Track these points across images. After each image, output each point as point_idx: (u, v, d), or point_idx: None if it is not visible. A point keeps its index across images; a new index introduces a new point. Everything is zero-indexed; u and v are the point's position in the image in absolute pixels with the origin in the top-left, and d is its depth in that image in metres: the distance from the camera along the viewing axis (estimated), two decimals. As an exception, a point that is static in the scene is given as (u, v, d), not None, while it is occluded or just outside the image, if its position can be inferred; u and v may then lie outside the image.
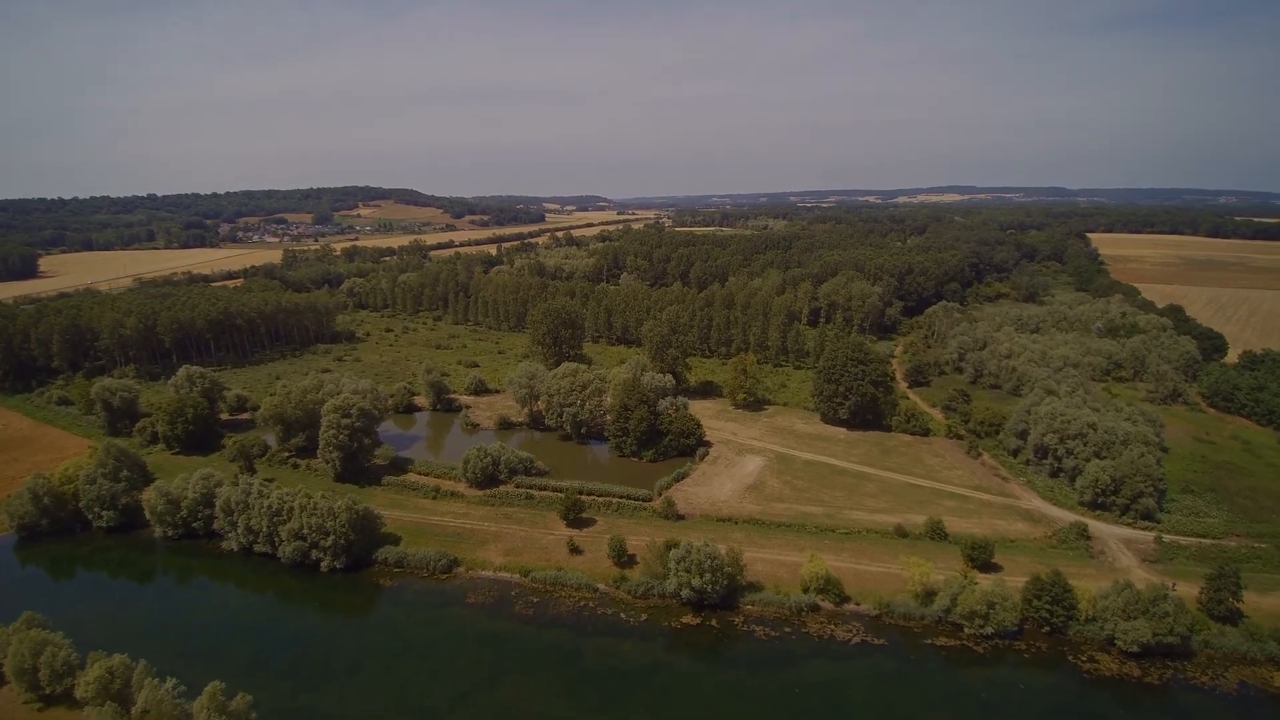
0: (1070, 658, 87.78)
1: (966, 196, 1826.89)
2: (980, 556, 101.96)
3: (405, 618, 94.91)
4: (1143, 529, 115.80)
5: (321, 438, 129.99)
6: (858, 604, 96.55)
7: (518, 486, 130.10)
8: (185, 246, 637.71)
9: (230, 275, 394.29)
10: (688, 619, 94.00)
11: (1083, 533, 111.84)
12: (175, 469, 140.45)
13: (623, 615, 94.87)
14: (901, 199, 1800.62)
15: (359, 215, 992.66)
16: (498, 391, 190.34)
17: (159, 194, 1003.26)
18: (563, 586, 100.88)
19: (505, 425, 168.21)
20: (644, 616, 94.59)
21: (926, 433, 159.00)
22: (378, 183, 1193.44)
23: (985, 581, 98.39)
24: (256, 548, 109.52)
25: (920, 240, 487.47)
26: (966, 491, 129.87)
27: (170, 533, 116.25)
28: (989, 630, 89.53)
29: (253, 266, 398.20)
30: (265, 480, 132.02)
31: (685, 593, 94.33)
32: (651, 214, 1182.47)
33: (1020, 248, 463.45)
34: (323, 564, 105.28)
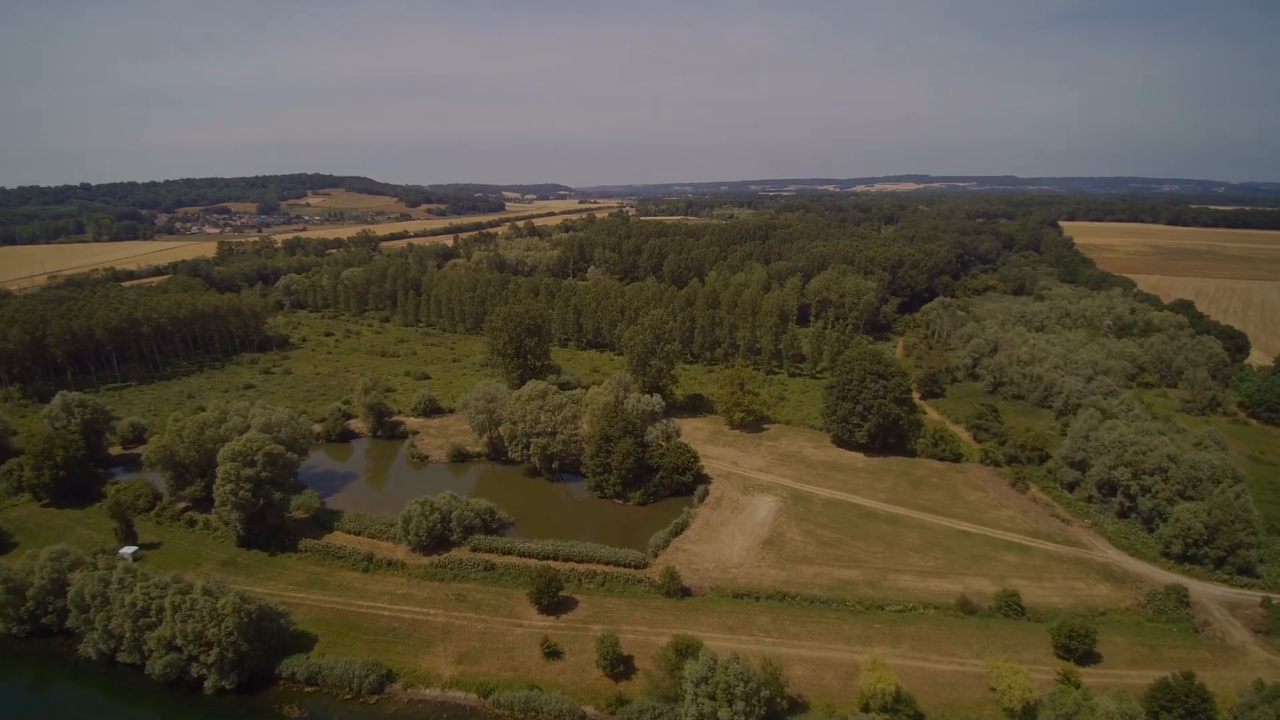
0: (1220, 797, 65.44)
1: (923, 186, 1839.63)
2: (1079, 647, 79.01)
3: (313, 780, 67.15)
4: (1242, 586, 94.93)
5: (217, 493, 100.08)
6: (935, 726, 72.56)
7: (474, 550, 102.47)
8: (116, 239, 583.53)
9: (158, 271, 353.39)
10: (712, 762, 68.47)
11: (1182, 598, 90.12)
12: (43, 527, 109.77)
13: (622, 760, 68.90)
14: (860, 188, 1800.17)
15: (308, 205, 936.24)
16: (451, 411, 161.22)
17: (93, 183, 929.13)
18: (538, 713, 74.28)
19: (460, 457, 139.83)
20: (652, 761, 68.73)
21: (958, 458, 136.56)
22: (329, 170, 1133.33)
23: (1086, 678, 75.83)
24: (121, 656, 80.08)
25: (894, 230, 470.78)
26: (1025, 540, 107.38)
27: (15, 629, 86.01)
28: (1114, 764, 66.54)
29: (183, 261, 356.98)
30: (149, 545, 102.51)
31: (708, 726, 68.77)
32: (614, 203, 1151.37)
33: (999, 237, 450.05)
34: (207, 682, 76.54)
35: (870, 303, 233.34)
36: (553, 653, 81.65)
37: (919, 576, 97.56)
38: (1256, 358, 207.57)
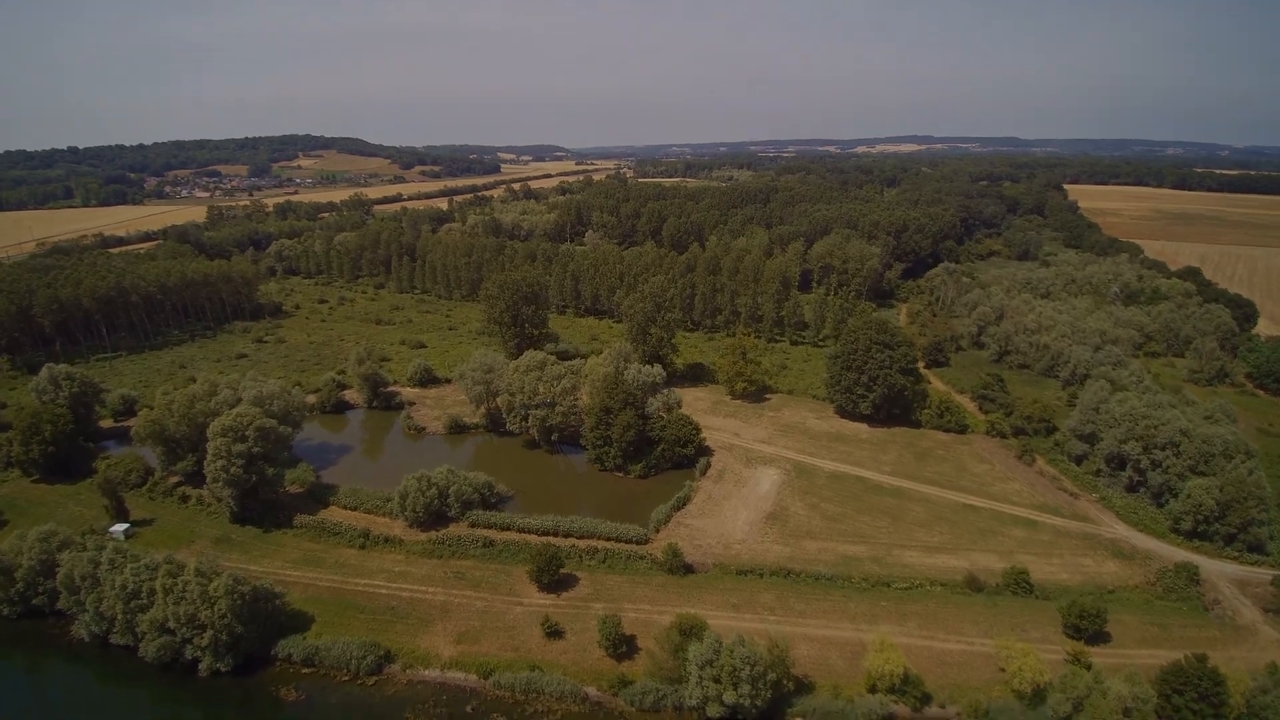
0: (1229, 778, 64.68)
1: (925, 147, 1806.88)
2: (1090, 628, 77.70)
3: (312, 764, 65.98)
4: (1252, 564, 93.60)
5: (208, 470, 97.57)
6: (943, 706, 71.49)
7: (472, 526, 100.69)
8: (105, 204, 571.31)
9: (148, 237, 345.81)
10: (717, 745, 67.50)
11: (1192, 576, 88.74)
12: (33, 504, 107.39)
13: (626, 743, 67.84)
14: (861, 149, 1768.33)
15: (299, 167, 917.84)
16: (448, 381, 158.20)
17: (80, 146, 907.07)
18: (539, 695, 73.05)
19: (457, 428, 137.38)
20: (656, 744, 67.71)
21: (963, 429, 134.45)
22: (320, 131, 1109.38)
23: (1095, 658, 74.78)
24: (114, 638, 78.40)
25: (897, 193, 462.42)
26: (1032, 514, 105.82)
27: (6, 610, 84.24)
28: (1124, 745, 65.67)
29: (173, 226, 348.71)
30: (141, 522, 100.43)
31: (714, 710, 67.60)
32: (611, 164, 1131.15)
33: (1003, 200, 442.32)
34: (201, 665, 75.07)
35: (874, 269, 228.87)
36: (554, 632, 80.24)
37: (925, 552, 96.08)
38: (1264, 326, 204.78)
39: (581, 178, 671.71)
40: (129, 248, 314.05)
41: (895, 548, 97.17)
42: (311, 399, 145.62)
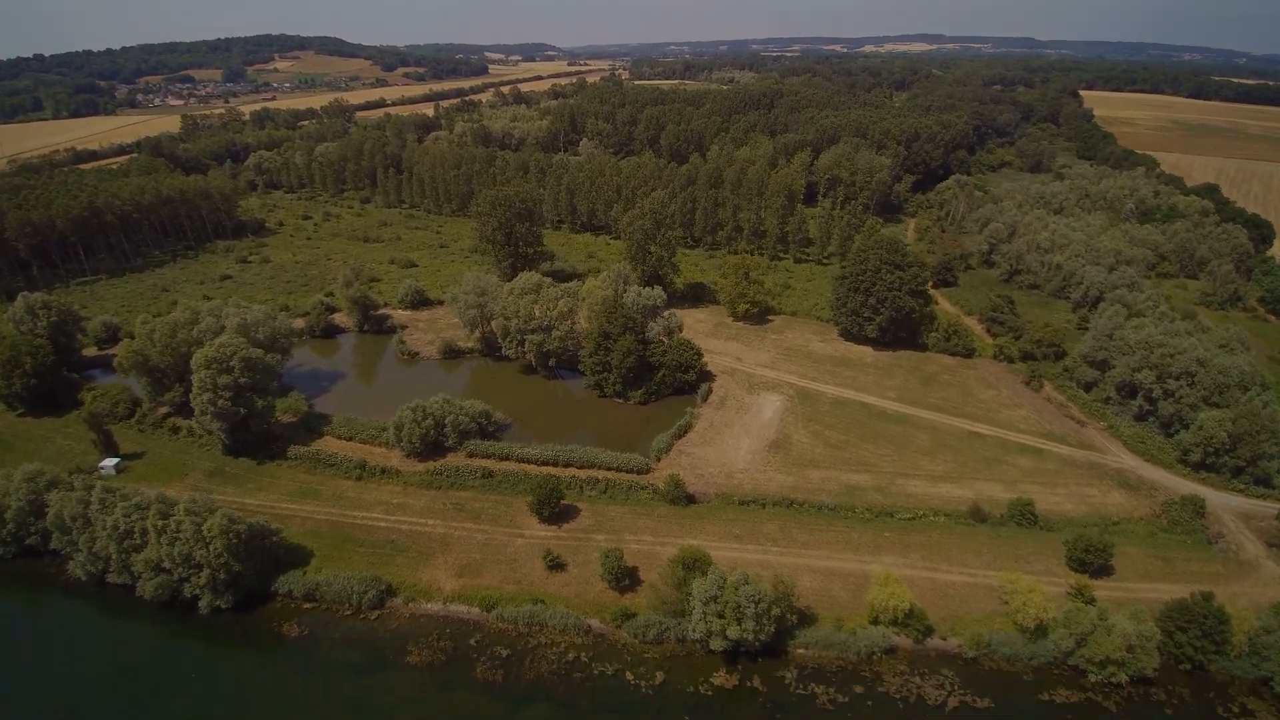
0: (1220, 709, 65.72)
1: (935, 46, 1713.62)
2: (1095, 561, 77.36)
3: (318, 698, 66.21)
4: (1258, 497, 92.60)
5: (195, 403, 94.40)
6: (944, 638, 71.90)
7: (470, 456, 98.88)
8: (76, 115, 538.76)
9: (122, 150, 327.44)
10: (720, 677, 68.07)
11: (1198, 510, 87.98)
12: (19, 439, 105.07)
13: (629, 676, 68.18)
14: (869, 48, 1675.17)
15: (275, 70, 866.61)
16: (441, 303, 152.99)
17: (46, 54, 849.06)
18: (542, 628, 73.13)
19: (451, 353, 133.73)
20: (659, 677, 68.07)
21: (970, 353, 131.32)
22: (296, 29, 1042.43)
23: (1098, 591, 74.90)
24: (111, 577, 77.53)
25: (907, 98, 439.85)
26: (1038, 442, 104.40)
27: (0, 550, 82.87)
28: (1122, 678, 66.40)
29: (146, 139, 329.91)
30: (132, 455, 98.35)
31: (717, 643, 67.69)
32: (606, 65, 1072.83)
33: (1017, 107, 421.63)
34: (201, 602, 74.65)
35: (883, 181, 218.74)
36: (555, 565, 79.80)
37: (929, 481, 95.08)
38: (1279, 248, 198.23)
39: (574, 80, 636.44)
40: (103, 163, 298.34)
41: (899, 477, 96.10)
42: (300, 323, 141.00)
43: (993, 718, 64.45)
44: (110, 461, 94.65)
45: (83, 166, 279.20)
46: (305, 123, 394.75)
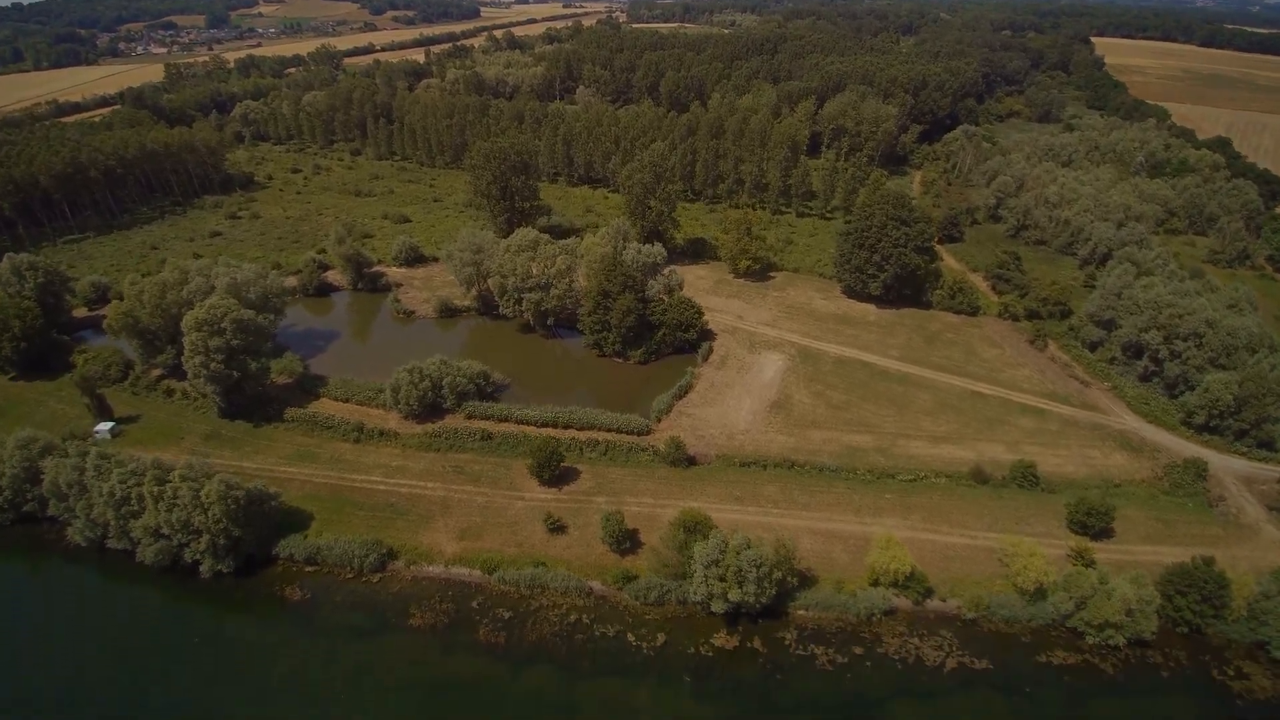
0: (1215, 672, 66.58)
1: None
2: (1096, 525, 77.35)
3: (321, 661, 66.67)
4: (1261, 460, 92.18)
5: (187, 366, 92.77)
6: (944, 600, 72.35)
7: (469, 418, 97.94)
8: (57, 66, 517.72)
9: (105, 101, 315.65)
10: (720, 638, 68.62)
11: (1200, 472, 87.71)
12: (11, 403, 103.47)
13: (630, 637, 68.71)
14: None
15: (260, 14, 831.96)
16: (436, 260, 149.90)
17: (25, 1, 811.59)
18: (544, 590, 73.39)
19: (448, 312, 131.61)
20: (660, 638, 68.60)
21: (975, 311, 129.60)
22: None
23: (1098, 554, 75.11)
24: (111, 543, 77.08)
25: (914, 43, 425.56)
26: (1041, 402, 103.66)
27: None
28: (1119, 641, 67.05)
29: (129, 89, 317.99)
30: (126, 419, 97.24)
31: (718, 606, 68.01)
32: (602, 6, 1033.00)
33: (1028, 53, 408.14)
34: (202, 567, 74.57)
35: (889, 131, 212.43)
36: (556, 528, 79.74)
37: (931, 442, 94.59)
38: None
39: (570, 23, 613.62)
40: (86, 115, 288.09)
41: (901, 438, 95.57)
42: (292, 281, 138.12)
43: (990, 679, 65.26)
44: (105, 426, 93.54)
45: (65, 120, 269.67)
46: (292, 70, 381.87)
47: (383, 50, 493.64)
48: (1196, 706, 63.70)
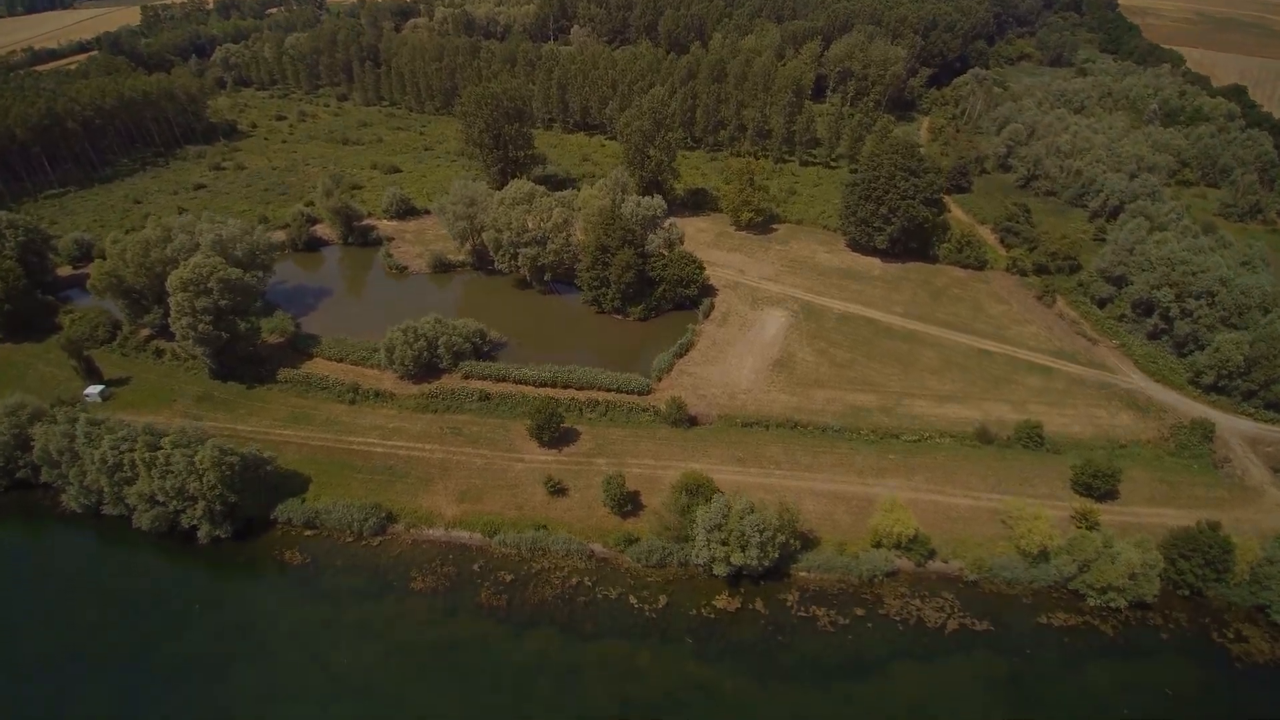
0: (1215, 635, 66.92)
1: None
2: (1102, 487, 76.74)
3: (322, 627, 66.55)
4: (1268, 422, 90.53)
5: (174, 327, 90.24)
6: (946, 561, 72.24)
7: (466, 378, 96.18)
8: (33, 11, 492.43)
9: (83, 47, 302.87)
10: (722, 600, 68.61)
11: (1207, 434, 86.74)
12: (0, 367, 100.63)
13: (632, 600, 68.65)
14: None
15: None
16: (428, 212, 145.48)
17: None
18: (545, 553, 73.06)
19: (442, 267, 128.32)
20: (662, 600, 68.57)
21: (982, 265, 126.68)
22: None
23: (1103, 515, 74.73)
24: (106, 509, 75.99)
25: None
26: (1048, 360, 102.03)
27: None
28: (1121, 603, 67.20)
29: (107, 33, 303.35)
30: (117, 381, 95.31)
31: (720, 569, 67.75)
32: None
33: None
34: (200, 532, 73.86)
35: (898, 74, 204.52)
36: (557, 490, 79.02)
37: (936, 402, 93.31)
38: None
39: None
40: (62, 62, 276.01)
41: (905, 397, 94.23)
42: (281, 235, 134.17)
43: (990, 640, 65.56)
44: (95, 389, 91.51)
45: (41, 68, 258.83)
46: (273, 10, 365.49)
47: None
48: (1195, 669, 64.14)
